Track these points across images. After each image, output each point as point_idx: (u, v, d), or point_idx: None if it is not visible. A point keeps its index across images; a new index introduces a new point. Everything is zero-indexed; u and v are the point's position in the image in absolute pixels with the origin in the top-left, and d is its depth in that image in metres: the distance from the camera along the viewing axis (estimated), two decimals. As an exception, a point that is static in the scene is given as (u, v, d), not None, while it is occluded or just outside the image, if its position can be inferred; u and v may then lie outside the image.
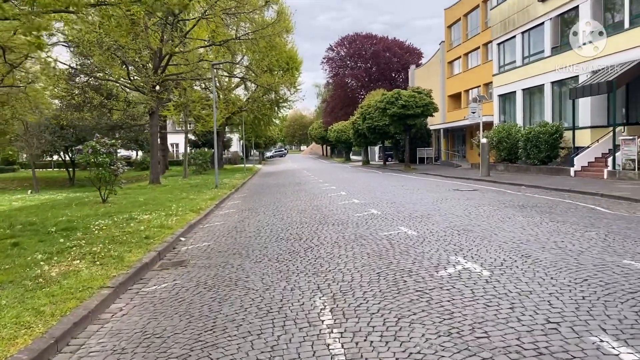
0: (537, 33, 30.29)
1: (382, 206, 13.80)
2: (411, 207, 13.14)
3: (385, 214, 12.04)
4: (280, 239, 9.58)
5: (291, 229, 10.81)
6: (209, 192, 21.41)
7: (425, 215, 11.55)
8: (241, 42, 33.55)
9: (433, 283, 5.77)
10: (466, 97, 44.95)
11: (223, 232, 11.10)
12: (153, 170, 27.00)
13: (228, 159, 74.19)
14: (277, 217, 13.01)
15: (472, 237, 8.47)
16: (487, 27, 39.52)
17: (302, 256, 7.85)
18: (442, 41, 49.53)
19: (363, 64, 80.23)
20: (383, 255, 7.47)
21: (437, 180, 25.87)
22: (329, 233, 9.82)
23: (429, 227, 9.77)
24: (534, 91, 30.91)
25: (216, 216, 14.45)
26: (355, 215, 12.23)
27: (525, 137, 27.45)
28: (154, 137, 26.70)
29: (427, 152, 49.92)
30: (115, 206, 16.20)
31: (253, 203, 17.37)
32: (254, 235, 10.38)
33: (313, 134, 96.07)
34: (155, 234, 10.16)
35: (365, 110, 47.05)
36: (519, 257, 6.83)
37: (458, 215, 11.34)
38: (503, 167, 30.12)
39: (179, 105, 34.40)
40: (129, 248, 8.64)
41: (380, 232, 9.47)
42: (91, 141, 17.96)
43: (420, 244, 8.10)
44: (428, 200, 14.74)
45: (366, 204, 14.66)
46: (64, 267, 7.20)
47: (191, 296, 6.13)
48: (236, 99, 47.72)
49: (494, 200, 14.49)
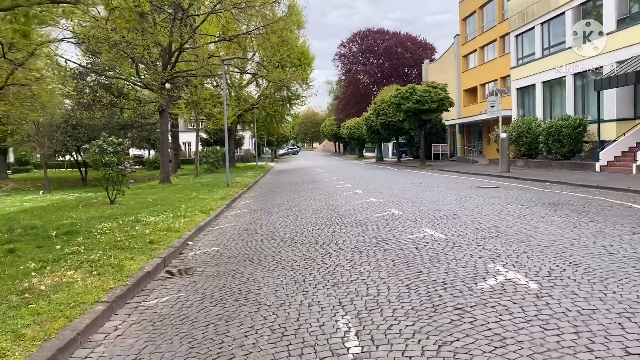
0: (557, 23, 29.20)
1: (403, 205, 13.00)
2: (434, 207, 12.32)
3: (406, 214, 11.24)
4: (295, 243, 8.83)
5: (306, 231, 10.06)
6: (220, 191, 20.74)
7: (451, 215, 10.73)
8: (252, 37, 32.88)
9: (474, 298, 4.97)
10: (482, 91, 43.86)
11: (233, 235, 10.39)
12: (163, 169, 26.42)
13: (240, 157, 73.71)
14: (290, 217, 12.27)
15: (507, 241, 7.65)
16: (504, 19, 38.40)
17: (319, 263, 7.09)
18: (457, 34, 48.42)
19: (375, 60, 79.24)
20: (410, 262, 6.68)
21: (455, 176, 24.97)
22: (348, 236, 9.05)
23: (457, 229, 8.96)
24: (555, 84, 29.83)
25: (227, 217, 13.75)
26: (375, 215, 11.44)
27: (546, 131, 26.44)
28: (164, 136, 26.10)
29: (442, 148, 48.86)
30: (123, 207, 15.58)
31: (265, 202, 16.66)
32: (266, 238, 9.65)
33: (325, 131, 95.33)
34: (161, 238, 9.47)
35: (378, 106, 46.17)
36: (567, 266, 6.00)
37: (486, 215, 10.50)
38: (523, 162, 29.09)
39: (189, 103, 33.85)
40: (131, 255, 7.95)
41: (404, 235, 8.68)
42: (98, 140, 17.37)
43: (451, 249, 7.30)
44: (451, 199, 13.89)
45: (385, 203, 13.86)
46: (57, 278, 6.51)
47: (195, 313, 5.41)
48: (248, 96, 47.12)
49: (521, 197, 13.61)
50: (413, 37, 77.86)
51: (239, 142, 73.51)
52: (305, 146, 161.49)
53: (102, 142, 16.93)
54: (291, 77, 29.68)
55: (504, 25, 37.61)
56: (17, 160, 65.93)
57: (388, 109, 43.95)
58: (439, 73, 50.46)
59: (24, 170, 62.73)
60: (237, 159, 68.33)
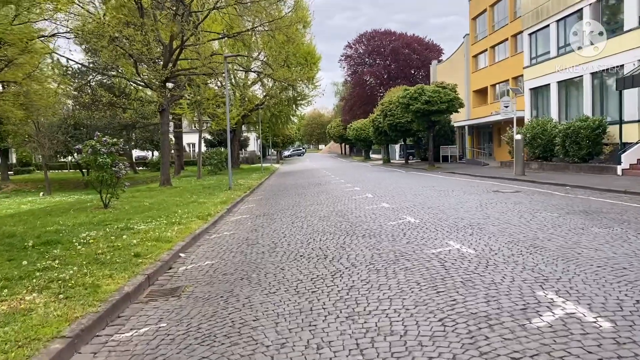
0: (574, 21, 28.00)
1: (418, 212, 11.87)
2: (453, 214, 11.18)
3: (424, 223, 10.11)
4: (300, 257, 7.74)
5: (313, 242, 8.96)
6: (222, 194, 19.68)
7: (475, 224, 9.59)
8: (257, 36, 31.88)
9: (531, 343, 3.84)
10: (493, 91, 42.66)
11: (231, 246, 9.30)
12: (164, 171, 25.39)
13: (245, 158, 72.76)
14: (295, 225, 11.17)
15: (550, 258, 6.52)
16: (516, 17, 37.21)
17: (329, 285, 5.99)
18: (467, 34, 47.24)
19: (382, 61, 78.20)
20: (439, 286, 5.55)
21: (467, 180, 23.81)
22: (361, 249, 7.94)
23: (486, 242, 7.83)
24: (571, 83, 28.63)
25: (226, 223, 12.66)
26: (389, 224, 10.32)
27: (563, 133, 25.22)
28: (164, 136, 25.08)
29: (451, 150, 47.62)
30: (116, 212, 14.55)
31: (269, 207, 15.57)
32: (268, 250, 8.56)
33: (331, 132, 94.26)
34: (149, 249, 8.39)
35: (386, 107, 45.07)
36: (638, 294, 4.87)
37: (515, 224, 9.36)
38: (537, 165, 27.89)
39: (192, 103, 32.87)
40: (110, 271, 6.86)
41: (426, 249, 7.55)
42: (91, 140, 16.36)
43: (486, 269, 6.17)
44: (470, 205, 12.75)
45: (398, 209, 12.74)
46: (15, 303, 5.44)
47: (176, 353, 4.31)
48: (253, 96, 46.12)
49: (547, 204, 12.46)
50: (420, 39, 76.80)
51: (244, 143, 72.57)
52: (311, 148, 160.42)
53: (96, 142, 15.92)
54: (297, 76, 28.60)
55: (516, 24, 36.43)
56: (19, 161, 65.19)
57: (396, 110, 42.83)
58: (448, 74, 49.25)
59: (26, 172, 61.93)
60: (242, 161, 67.36)
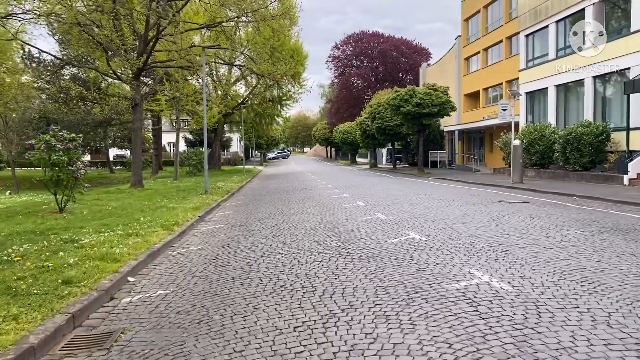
0: (575, 21, 26.65)
1: (422, 226, 10.12)
2: (464, 230, 9.45)
3: (432, 241, 8.36)
4: (281, 288, 5.94)
5: (297, 264, 7.17)
6: (196, 198, 17.78)
7: (496, 245, 7.86)
8: (240, 30, 30.05)
9: None
10: (485, 95, 41.30)
11: (195, 267, 7.46)
12: (135, 171, 23.35)
13: (228, 159, 70.62)
14: (276, 240, 9.37)
15: (620, 301, 4.80)
16: (512, 18, 35.91)
17: (320, 342, 4.19)
18: (458, 36, 45.90)
19: (369, 63, 76.81)
20: (482, 351, 3.79)
21: (463, 187, 22.20)
22: (359, 278, 6.16)
23: (520, 272, 6.10)
24: (571, 87, 27.26)
25: (195, 235, 10.79)
26: (390, 241, 8.54)
27: (564, 139, 23.77)
28: (136, 133, 23.04)
29: (440, 155, 46.15)
30: (70, 218, 12.62)
31: (247, 215, 13.73)
32: (240, 275, 6.74)
33: (317, 135, 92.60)
34: (87, 273, 6.52)
35: (374, 109, 43.48)
36: None
37: (544, 245, 7.66)
38: (534, 172, 26.43)
39: (170, 99, 30.90)
40: (19, 309, 4.99)
41: (445, 282, 5.78)
42: (45, 135, 14.39)
43: (539, 319, 4.39)
44: (480, 218, 11.03)
45: (397, 221, 10.98)
46: None
47: None
48: (236, 94, 44.14)
49: (567, 218, 10.83)
50: (408, 42, 75.59)
51: (226, 144, 70.44)
52: (296, 150, 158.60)
53: (50, 137, 13.97)
54: (282, 71, 26.78)
55: (512, 25, 35.10)
56: (-12, 158, 62.32)
57: (385, 113, 41.27)
58: (438, 77, 47.74)
59: (-5, 169, 59.11)
60: (224, 162, 65.24)
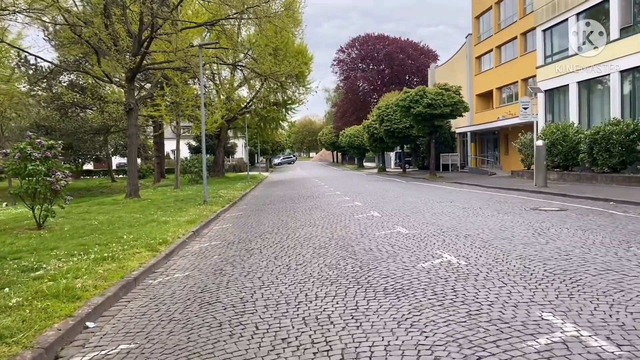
0: (598, 13, 24.98)
1: (455, 244, 8.43)
2: (509, 249, 7.76)
3: (476, 267, 6.67)
4: (283, 345, 4.31)
5: (305, 301, 5.54)
6: (193, 210, 16.19)
7: (560, 273, 6.13)
8: (241, 29, 28.55)
9: None
10: (499, 95, 39.58)
11: (175, 307, 5.83)
12: (130, 180, 21.82)
13: (233, 166, 69.15)
14: (280, 262, 7.75)
15: None
16: (526, 13, 34.26)
17: None
18: (469, 34, 44.26)
19: (375, 66, 75.37)
20: None
21: (484, 192, 20.48)
22: (391, 328, 4.51)
23: (620, 321, 4.44)
24: (595, 83, 25.54)
25: (184, 256, 9.18)
26: (420, 266, 6.87)
27: (590, 139, 22.01)
28: (131, 140, 21.51)
29: (451, 158, 44.34)
30: (47, 236, 11.09)
31: (248, 229, 12.11)
32: (230, 320, 5.12)
33: (323, 139, 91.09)
34: (27, 321, 4.92)
35: (382, 112, 41.84)
36: None
37: (626, 272, 5.97)
38: (557, 175, 24.67)
39: (170, 104, 29.46)
40: None
41: (517, 340, 4.10)
42: (21, 142, 12.88)
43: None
44: (521, 232, 9.32)
45: (422, 237, 9.32)
46: None
47: None
48: (240, 99, 42.66)
49: (625, 230, 9.13)
50: (415, 44, 74.10)
51: (231, 150, 69.03)
52: (302, 155, 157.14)
53: (26, 144, 12.44)
54: (286, 70, 25.21)
55: (527, 20, 33.45)
56: (-13, 169, 61.11)
57: (394, 115, 39.65)
58: (447, 77, 46.09)
59: (-4, 180, 57.90)
60: (229, 168, 63.79)
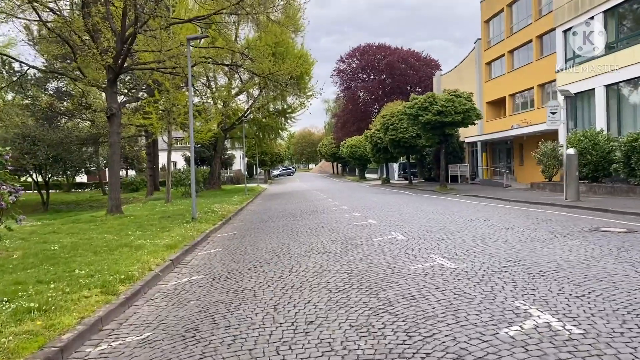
0: (627, 10, 22.79)
1: (534, 289, 5.95)
2: (623, 300, 5.34)
3: (591, 336, 4.28)
4: None
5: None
6: (178, 229, 13.75)
7: None
8: (239, 27, 26.35)
9: None
10: (512, 102, 37.33)
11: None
12: (111, 195, 19.37)
13: (230, 177, 66.69)
14: (281, 316, 5.31)
15: None
16: (542, 14, 32.10)
17: None
18: (478, 39, 42.12)
19: (376, 76, 73.53)
20: None
21: (512, 207, 18.04)
22: None
23: None
24: (624, 87, 23.26)
25: (150, 301, 6.71)
26: (503, 334, 4.42)
27: (627, 147, 19.68)
28: (112, 149, 19.11)
29: (461, 169, 41.94)
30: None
31: (240, 257, 9.67)
32: None
33: (323, 150, 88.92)
34: None
35: (387, 120, 39.58)
36: None
37: None
38: (585, 187, 22.24)
39: (160, 111, 27.20)
40: None
41: None
42: (-39, 150, 10.51)
43: None
44: (612, 268, 6.85)
45: (480, 275, 6.83)
46: None
47: None
48: (238, 108, 40.41)
49: None
50: (417, 53, 72.30)
51: (228, 161, 66.63)
52: (301, 167, 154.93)
53: (-32, 153, 10.07)
54: (286, 70, 22.96)
55: (544, 22, 31.28)
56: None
57: (400, 123, 37.41)
58: (455, 84, 43.51)
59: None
60: (227, 180, 61.34)
